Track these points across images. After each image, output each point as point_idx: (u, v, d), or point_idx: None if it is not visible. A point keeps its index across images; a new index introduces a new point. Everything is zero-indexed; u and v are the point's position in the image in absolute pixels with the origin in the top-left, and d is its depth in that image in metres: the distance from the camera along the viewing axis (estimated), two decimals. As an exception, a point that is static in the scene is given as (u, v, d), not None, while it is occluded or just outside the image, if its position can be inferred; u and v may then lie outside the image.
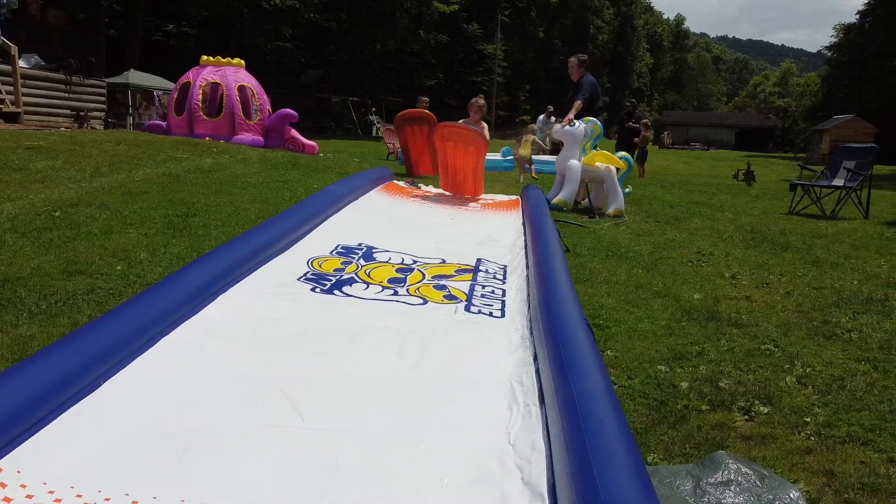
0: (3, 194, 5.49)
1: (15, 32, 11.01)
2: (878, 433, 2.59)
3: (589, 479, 1.80)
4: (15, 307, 3.34)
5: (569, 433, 2.09)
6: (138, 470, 2.08)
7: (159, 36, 35.05)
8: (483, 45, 53.53)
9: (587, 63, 8.73)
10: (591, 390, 2.30)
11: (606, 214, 7.66)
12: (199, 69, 13.19)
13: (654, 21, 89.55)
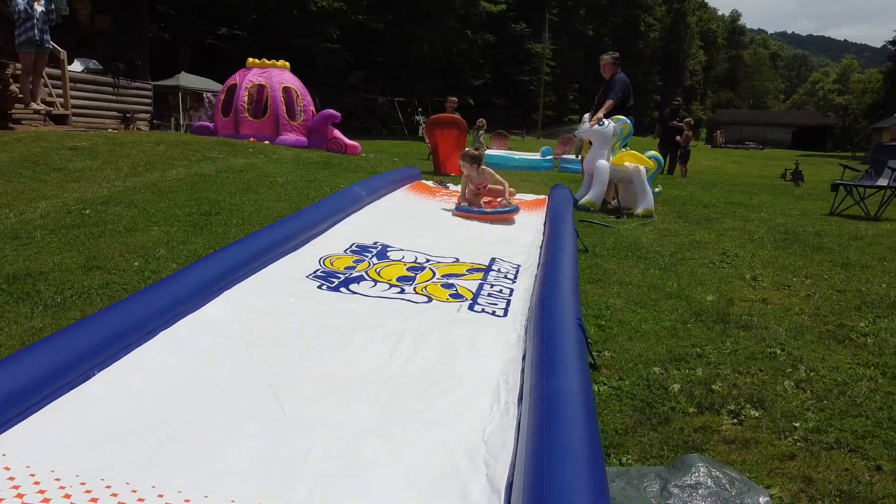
0: (40, 193, 5.74)
1: (65, 37, 11.47)
2: (869, 440, 2.52)
3: (538, 478, 1.81)
4: (32, 300, 3.50)
5: (530, 431, 2.09)
6: (118, 457, 2.17)
7: (211, 39, 36.03)
8: (531, 45, 53.33)
9: (619, 61, 8.62)
10: (562, 389, 2.30)
11: (635, 214, 7.56)
12: (245, 71, 13.50)
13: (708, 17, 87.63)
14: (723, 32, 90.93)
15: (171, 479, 2.08)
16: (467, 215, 6.24)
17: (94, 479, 2.05)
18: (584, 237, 6.14)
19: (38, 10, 9.08)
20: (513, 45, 51.97)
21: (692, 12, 79.32)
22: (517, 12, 50.85)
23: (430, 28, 40.53)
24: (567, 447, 1.93)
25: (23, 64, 9.38)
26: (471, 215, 6.22)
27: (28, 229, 4.70)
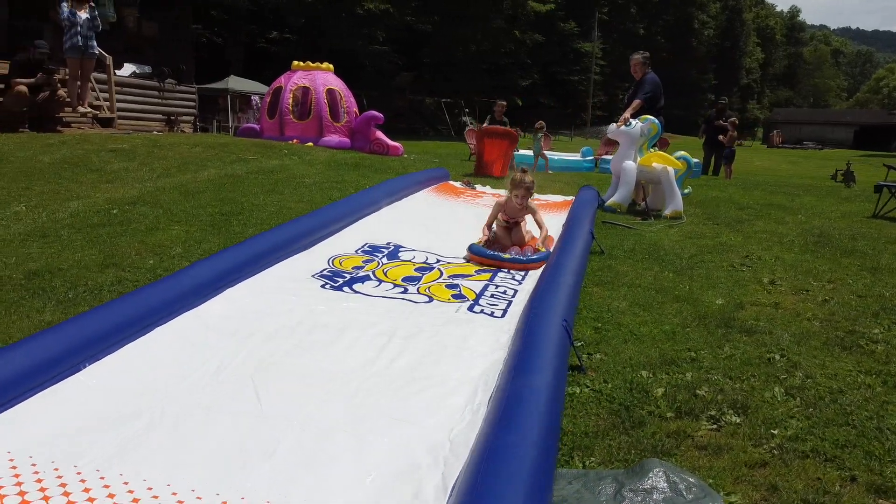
0: (74, 193, 6.00)
1: (113, 43, 11.93)
2: (849, 450, 2.45)
3: (475, 478, 1.83)
4: (46, 295, 3.67)
5: (484, 431, 2.11)
6: (92, 446, 2.28)
7: (262, 43, 36.87)
8: (580, 44, 52.82)
9: (650, 60, 8.51)
10: (525, 390, 2.30)
11: (663, 216, 7.44)
12: (290, 74, 13.80)
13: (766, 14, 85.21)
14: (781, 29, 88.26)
15: (140, 468, 2.17)
16: (482, 260, 4.82)
17: (67, 466, 2.16)
18: (604, 239, 6.09)
19: (82, 18, 9.47)
20: (561, 45, 51.55)
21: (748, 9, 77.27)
22: (566, 11, 50.43)
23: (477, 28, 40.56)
24: (513, 448, 1.94)
25: (70, 69, 9.80)
26: (485, 260, 4.80)
27: (56, 228, 4.92)
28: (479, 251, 4.90)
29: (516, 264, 4.74)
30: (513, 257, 4.79)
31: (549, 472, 1.99)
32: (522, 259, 4.78)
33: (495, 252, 4.86)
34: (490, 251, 4.89)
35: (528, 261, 4.78)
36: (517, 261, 4.76)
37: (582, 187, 8.14)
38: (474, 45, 41.23)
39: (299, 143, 11.68)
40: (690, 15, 65.82)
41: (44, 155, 7.51)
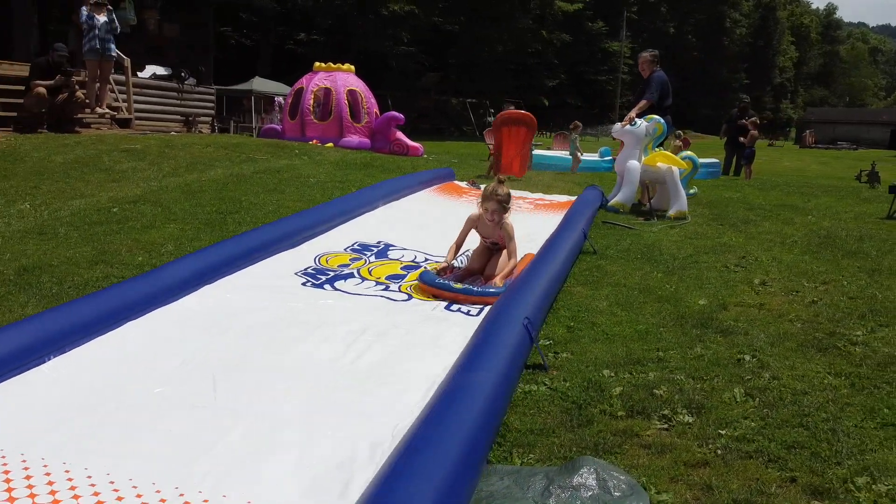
0: (79, 192, 6.15)
1: (135, 45, 12.20)
2: (796, 451, 2.42)
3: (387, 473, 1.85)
4: (32, 290, 3.79)
5: (413, 427, 2.13)
6: (42, 436, 2.35)
7: (290, 44, 37.32)
8: (608, 43, 52.43)
9: (658, 59, 8.43)
10: (463, 386, 2.32)
11: (667, 216, 7.38)
12: (312, 75, 13.97)
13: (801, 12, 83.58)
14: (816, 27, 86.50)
15: (85, 458, 2.23)
16: (430, 289, 4.08)
17: (14, 456, 2.23)
18: (601, 239, 6.07)
19: (100, 21, 9.71)
20: (589, 45, 51.23)
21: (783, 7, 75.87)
22: (594, 11, 50.09)
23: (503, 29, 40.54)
24: (432, 443, 1.96)
25: (89, 71, 10.05)
26: (433, 290, 4.07)
27: (55, 225, 5.06)
28: (425, 278, 4.15)
29: (469, 296, 3.97)
30: (465, 288, 4.03)
31: (473, 469, 2.01)
32: (474, 290, 4.01)
33: (446, 280, 4.11)
34: (440, 279, 4.11)
35: (481, 293, 3.98)
36: (469, 292, 3.99)
37: (587, 187, 8.12)
38: (501, 46, 41.19)
39: (319, 144, 11.82)
40: (722, 13, 64.89)
41: (58, 155, 7.71)
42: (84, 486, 2.10)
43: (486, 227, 4.43)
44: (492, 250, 4.53)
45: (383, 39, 34.73)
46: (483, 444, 2.14)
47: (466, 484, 1.92)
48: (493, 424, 2.27)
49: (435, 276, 4.17)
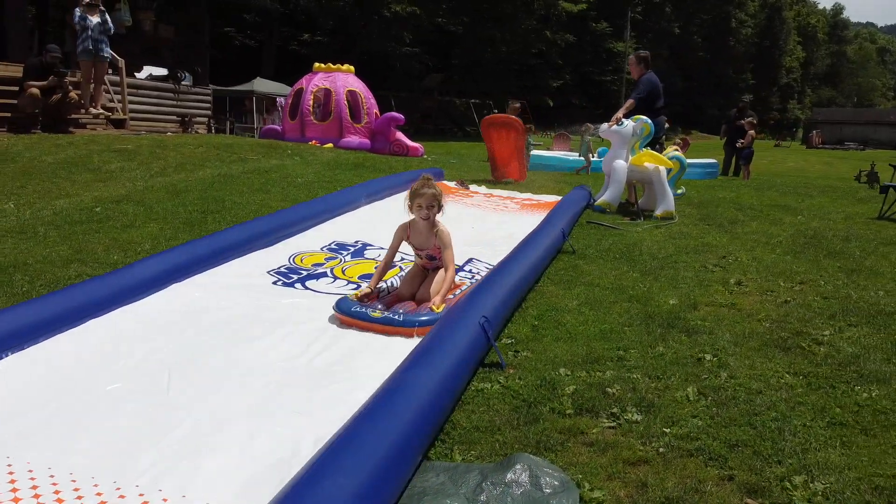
0: (65, 192, 6.20)
1: (131, 46, 12.29)
2: (739, 450, 2.42)
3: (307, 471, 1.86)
4: (4, 288, 3.83)
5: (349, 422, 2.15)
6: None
7: (294, 45, 37.44)
8: (612, 44, 52.31)
9: (648, 60, 8.43)
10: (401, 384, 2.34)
11: (654, 216, 7.37)
12: (312, 76, 14.04)
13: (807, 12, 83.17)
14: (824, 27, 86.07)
15: (28, 453, 2.26)
16: (345, 319, 3.52)
17: (-41, 449, 2.26)
18: (583, 238, 6.08)
19: (93, 22, 9.78)
20: (594, 45, 51.14)
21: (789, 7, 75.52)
22: (598, 11, 49.99)
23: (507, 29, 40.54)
24: (359, 441, 1.97)
25: (82, 72, 10.13)
26: (348, 320, 3.52)
27: (35, 225, 5.11)
28: (341, 306, 3.55)
29: (389, 327, 3.40)
30: (385, 317, 3.43)
31: (402, 466, 2.02)
32: (396, 320, 3.42)
33: (362, 310, 3.50)
34: (357, 307, 3.52)
35: (404, 322, 3.40)
36: (390, 322, 3.41)
37: (575, 187, 8.13)
38: (504, 46, 41.19)
39: (319, 144, 11.88)
40: (728, 13, 64.65)
41: (48, 155, 7.77)
42: (24, 479, 2.13)
43: (418, 234, 3.92)
44: (427, 270, 3.98)
45: (386, 40, 34.80)
46: (416, 442, 2.15)
47: (393, 481, 1.94)
48: (430, 422, 2.29)
49: (352, 304, 3.56)
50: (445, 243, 3.87)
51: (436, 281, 3.81)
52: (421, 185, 3.86)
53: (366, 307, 3.55)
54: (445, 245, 3.87)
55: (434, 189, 3.85)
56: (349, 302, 3.59)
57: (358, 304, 3.57)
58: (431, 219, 3.86)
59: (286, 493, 1.72)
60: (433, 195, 3.83)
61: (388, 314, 3.49)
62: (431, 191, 3.83)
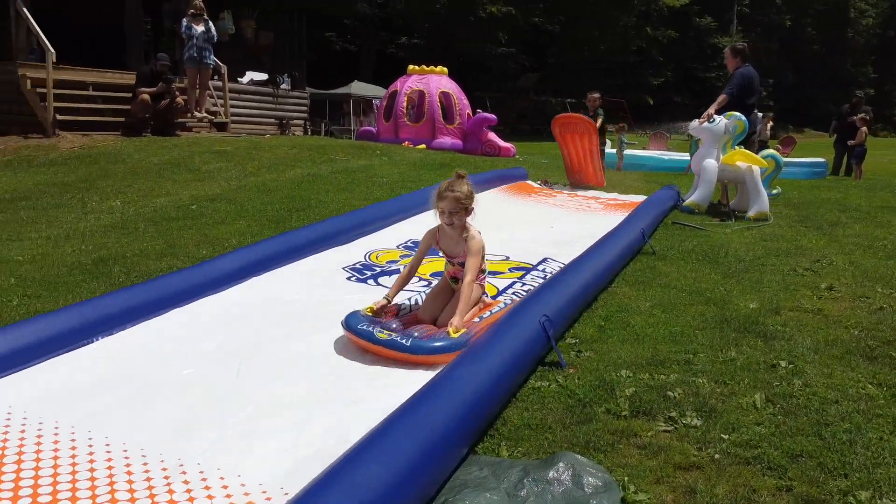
0: (165, 190, 6.63)
1: (232, 53, 12.95)
2: (802, 461, 2.31)
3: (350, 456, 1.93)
4: (104, 278, 4.15)
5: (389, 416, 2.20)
6: (78, 407, 2.60)
7: (392, 48, 38.27)
8: (717, 39, 50.23)
9: (745, 52, 8.06)
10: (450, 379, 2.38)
11: (747, 217, 7.06)
12: (406, 78, 14.35)
13: (939, -2, 76.73)
14: (958, 14, 79.17)
15: (107, 428, 2.46)
16: (360, 342, 3.10)
17: (49, 421, 2.49)
18: (666, 239, 5.91)
19: (197, 31, 10.38)
20: (697, 41, 49.33)
21: (917, -7, 69.95)
22: (702, 6, 48.16)
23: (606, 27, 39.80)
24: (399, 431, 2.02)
25: (188, 78, 10.77)
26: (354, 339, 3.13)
27: (136, 221, 5.49)
28: (349, 322, 3.15)
29: (395, 352, 2.97)
30: (391, 340, 2.98)
31: (442, 457, 2.06)
32: (403, 345, 2.95)
33: (369, 328, 3.07)
34: (364, 325, 3.09)
35: (412, 348, 2.94)
36: (396, 346, 2.96)
37: (663, 187, 7.90)
38: (603, 44, 40.44)
39: (411, 146, 12.13)
40: (846, 3, 60.66)
41: (155, 156, 8.31)
42: (100, 452, 2.31)
43: (447, 239, 3.49)
44: (453, 288, 3.49)
45: (481, 41, 34.95)
46: (458, 435, 2.18)
47: (430, 472, 1.98)
48: (474, 417, 2.31)
49: (361, 319, 3.13)
50: (473, 251, 3.36)
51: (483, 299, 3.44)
52: (445, 187, 3.37)
53: (374, 326, 3.09)
54: (472, 253, 3.35)
55: (459, 191, 3.34)
56: (358, 317, 3.14)
57: (367, 321, 3.11)
58: (457, 224, 3.38)
59: (320, 479, 1.79)
60: (455, 198, 3.32)
61: (395, 337, 3.00)
62: (455, 193, 3.32)
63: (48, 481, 2.12)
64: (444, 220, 3.38)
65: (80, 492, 2.08)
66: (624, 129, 16.55)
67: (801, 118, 54.64)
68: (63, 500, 2.03)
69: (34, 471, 2.17)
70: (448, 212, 3.34)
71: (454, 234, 3.42)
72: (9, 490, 2.06)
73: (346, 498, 1.67)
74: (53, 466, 2.21)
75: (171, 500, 2.04)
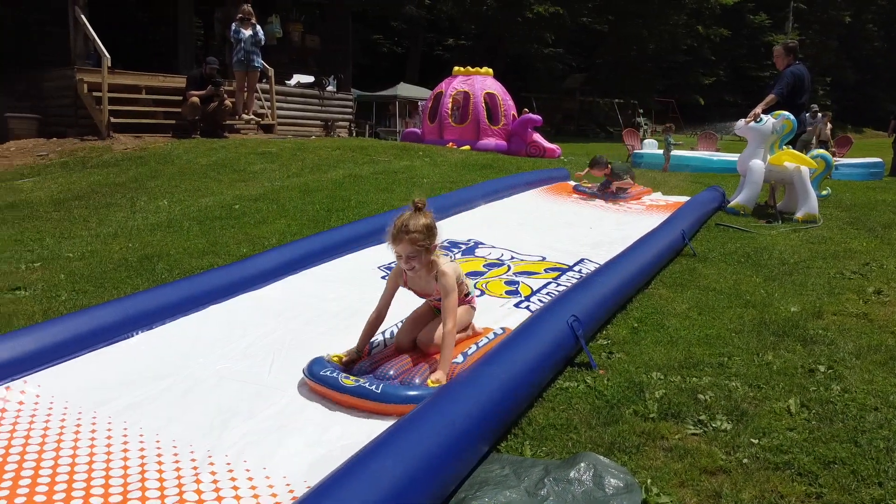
0: (211, 190, 6.79)
1: (280, 56, 13.21)
2: (834, 468, 2.24)
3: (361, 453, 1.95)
4: (147, 274, 4.28)
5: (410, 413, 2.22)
6: (117, 398, 2.69)
7: (439, 50, 38.44)
8: (772, 36, 48.89)
9: (796, 50, 7.83)
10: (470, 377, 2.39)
11: (794, 219, 6.87)
12: (451, 79, 14.39)
13: None
14: None
15: (142, 420, 2.54)
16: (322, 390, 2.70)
17: (88, 411, 2.58)
18: (708, 241, 5.79)
19: (245, 35, 10.61)
20: (750, 39, 48.11)
21: None
22: (756, 3, 47.01)
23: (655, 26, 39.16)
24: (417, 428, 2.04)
25: (237, 81, 11.03)
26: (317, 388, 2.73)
27: (181, 220, 5.65)
28: (312, 369, 2.77)
29: (364, 401, 2.59)
30: (358, 387, 2.61)
31: (460, 454, 2.07)
32: (373, 393, 2.58)
33: (333, 374, 2.70)
34: (327, 371, 2.73)
35: (382, 396, 2.57)
36: (364, 394, 2.59)
37: (708, 188, 7.75)
38: (652, 44, 39.81)
39: (455, 147, 12.17)
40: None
41: (203, 158, 8.53)
42: (134, 442, 2.40)
43: (416, 279, 3.01)
44: (435, 311, 3.09)
45: (528, 42, 34.81)
46: (478, 433, 2.19)
47: (447, 468, 1.99)
48: (496, 415, 2.31)
49: (325, 365, 2.77)
50: (447, 289, 2.85)
51: (436, 336, 2.94)
52: (399, 226, 2.84)
53: (338, 371, 2.74)
54: (446, 292, 2.85)
55: (416, 229, 2.81)
56: (322, 363, 2.79)
57: (331, 367, 2.76)
58: (419, 268, 2.90)
59: (336, 473, 1.82)
60: (412, 241, 2.81)
61: (362, 383, 2.63)
62: (410, 235, 2.81)
63: (84, 468, 2.21)
64: (403, 265, 2.91)
65: (113, 479, 2.16)
66: (671, 129, 16.25)
67: (861, 117, 52.83)
68: (96, 487, 2.11)
69: (71, 458, 2.26)
70: (406, 256, 2.86)
71: (423, 272, 2.93)
72: (47, 476, 2.16)
73: (360, 491, 1.69)
74: (90, 455, 2.29)
75: (198, 491, 2.10)
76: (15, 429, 2.43)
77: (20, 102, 10.94)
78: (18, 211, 6.24)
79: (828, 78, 54.77)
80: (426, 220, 2.88)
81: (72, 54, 10.72)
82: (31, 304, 3.70)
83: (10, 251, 4.80)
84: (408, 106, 26.49)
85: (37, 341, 2.86)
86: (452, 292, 2.86)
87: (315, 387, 2.73)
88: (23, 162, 9.09)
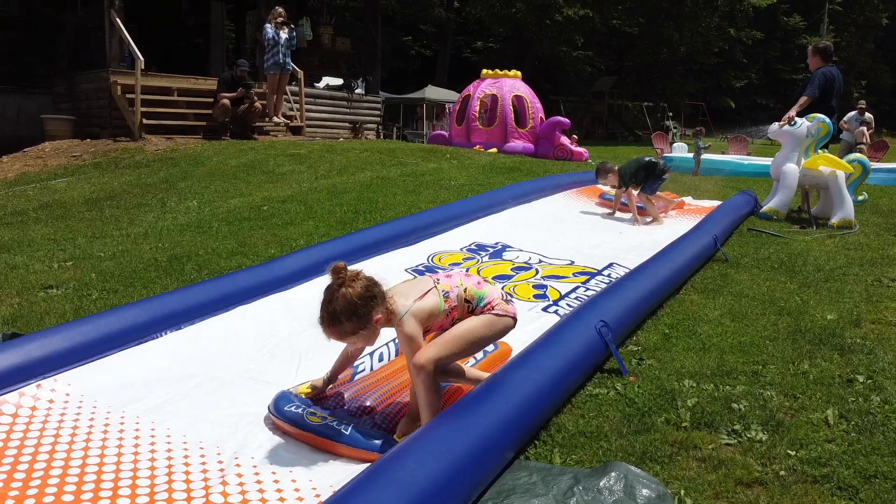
0: (240, 191, 6.84)
1: (309, 59, 13.28)
2: (876, 482, 2.16)
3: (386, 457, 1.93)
4: (176, 274, 4.31)
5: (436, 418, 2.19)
6: (146, 398, 2.70)
7: (467, 52, 38.45)
8: (806, 39, 48.08)
9: (828, 51, 7.66)
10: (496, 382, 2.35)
11: (830, 225, 6.72)
12: (479, 82, 14.38)
13: None
14: None
15: (170, 419, 2.55)
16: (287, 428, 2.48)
17: (117, 411, 2.60)
18: (741, 247, 5.68)
19: (282, 37, 10.70)
20: (784, 41, 47.38)
21: None
22: (790, 5, 46.25)
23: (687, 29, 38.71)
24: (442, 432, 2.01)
25: (269, 84, 11.12)
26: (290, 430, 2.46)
27: (211, 221, 5.68)
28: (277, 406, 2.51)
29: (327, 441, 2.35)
30: (325, 425, 2.38)
31: (485, 460, 2.04)
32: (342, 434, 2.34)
33: (299, 411, 2.46)
34: (293, 407, 2.48)
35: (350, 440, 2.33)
36: (330, 435, 2.35)
37: (739, 192, 7.61)
38: (683, 47, 39.36)
39: (483, 150, 12.15)
40: (950, -1, 56.99)
41: (232, 159, 8.60)
42: (161, 442, 2.40)
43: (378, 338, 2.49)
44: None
45: (558, 44, 34.63)
46: (505, 440, 2.15)
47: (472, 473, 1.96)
48: (524, 422, 2.27)
49: (291, 400, 2.51)
50: (408, 336, 2.36)
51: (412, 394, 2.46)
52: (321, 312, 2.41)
53: (305, 407, 2.47)
54: (406, 340, 2.37)
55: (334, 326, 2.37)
56: (289, 397, 2.53)
57: (298, 402, 2.50)
58: (372, 336, 2.42)
59: (360, 478, 1.80)
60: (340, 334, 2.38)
61: (330, 422, 2.39)
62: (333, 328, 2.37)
63: (111, 468, 2.21)
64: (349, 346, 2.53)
65: (140, 479, 2.16)
66: (700, 132, 16.02)
67: (902, 122, 51.72)
68: (123, 487, 2.11)
69: (99, 458, 2.27)
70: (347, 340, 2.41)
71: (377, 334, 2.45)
72: (75, 475, 2.16)
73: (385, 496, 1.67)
74: (117, 454, 2.30)
75: (224, 493, 2.09)
76: (45, 427, 2.44)
77: (61, 104, 11.16)
78: (52, 210, 6.34)
79: (863, 81, 53.70)
80: (360, 285, 2.38)
81: (107, 57, 10.90)
82: (62, 303, 3.74)
83: (43, 250, 4.87)
84: (435, 109, 26.50)
85: (67, 340, 2.88)
86: (412, 341, 2.34)
87: (279, 424, 2.46)
88: (57, 163, 9.26)
